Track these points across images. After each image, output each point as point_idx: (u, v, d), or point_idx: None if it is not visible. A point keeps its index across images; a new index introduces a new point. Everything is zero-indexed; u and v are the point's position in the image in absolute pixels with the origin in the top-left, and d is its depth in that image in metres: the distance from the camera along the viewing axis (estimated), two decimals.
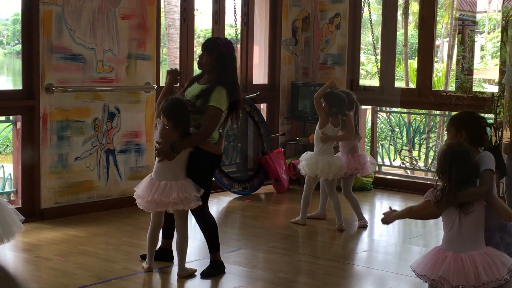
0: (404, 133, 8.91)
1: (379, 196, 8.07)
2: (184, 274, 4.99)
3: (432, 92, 8.10)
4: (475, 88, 8.87)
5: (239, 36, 8.28)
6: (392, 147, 9.06)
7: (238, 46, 8.44)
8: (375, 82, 13.16)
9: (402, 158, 8.84)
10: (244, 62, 8.37)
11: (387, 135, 9.77)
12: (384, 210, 7.68)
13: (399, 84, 15.93)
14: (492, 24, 22.99)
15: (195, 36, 8.25)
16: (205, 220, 5.09)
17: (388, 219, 3.90)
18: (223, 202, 7.55)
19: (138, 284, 4.92)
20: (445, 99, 7.86)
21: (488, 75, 18.28)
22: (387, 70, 8.53)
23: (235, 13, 8.14)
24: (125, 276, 4.99)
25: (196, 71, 5.50)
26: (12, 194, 6.54)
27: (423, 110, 8.75)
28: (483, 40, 22.29)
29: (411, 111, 9.01)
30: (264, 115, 8.53)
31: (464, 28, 16.55)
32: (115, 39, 6.87)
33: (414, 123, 8.89)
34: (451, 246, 3.70)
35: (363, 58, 19.23)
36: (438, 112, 8.67)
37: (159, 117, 4.91)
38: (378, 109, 8.88)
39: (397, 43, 8.69)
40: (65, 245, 5.73)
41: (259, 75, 8.69)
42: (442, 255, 3.69)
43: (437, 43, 17.12)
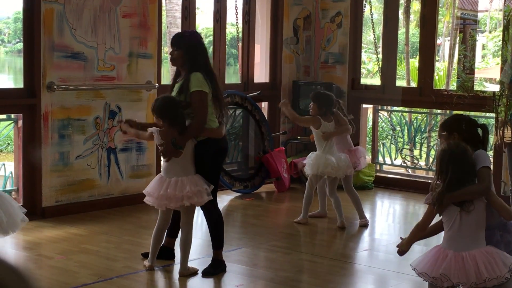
0: (405, 132, 8.90)
1: (380, 195, 8.07)
2: (185, 273, 4.99)
3: (434, 91, 8.10)
4: (476, 87, 8.87)
5: (240, 35, 8.28)
6: (393, 146, 9.06)
7: (240, 44, 8.44)
8: (376, 81, 13.15)
9: (403, 157, 8.84)
10: (246, 60, 8.37)
11: (388, 134, 9.77)
12: (385, 209, 7.76)
13: (400, 83, 15.91)
14: (493, 23, 22.98)
15: None
16: (213, 216, 5.10)
17: (403, 247, 3.90)
18: (224, 200, 7.54)
19: (139, 283, 4.92)
20: (446, 98, 7.86)
21: (490, 74, 18.29)
22: (388, 69, 8.53)
23: (236, 11, 8.14)
24: (126, 274, 4.99)
25: None
26: (13, 192, 6.54)
27: (424, 109, 8.74)
28: (484, 39, 22.28)
29: (412, 110, 9.01)
30: (265, 114, 8.53)
31: (466, 27, 16.56)
32: (117, 38, 6.87)
33: (415, 122, 8.88)
34: (451, 245, 3.70)
35: (364, 57, 19.22)
36: (439, 111, 8.66)
37: (149, 126, 4.99)
38: (379, 108, 8.88)
39: (398, 42, 8.68)
40: (66, 243, 5.73)
41: (260, 74, 8.69)
42: (443, 254, 3.69)
43: (438, 42, 17.13)
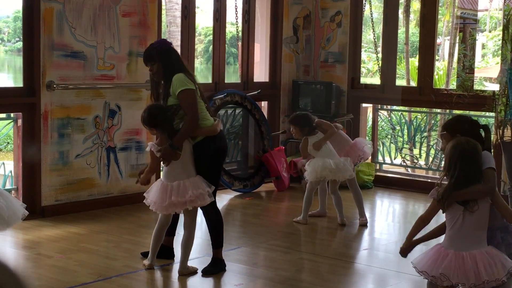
0: (405, 131, 8.90)
1: (380, 194, 8.07)
2: (185, 272, 4.99)
3: (433, 91, 8.10)
4: (476, 87, 8.87)
5: (240, 34, 8.28)
6: (393, 146, 9.05)
7: (239, 44, 8.44)
8: (376, 80, 13.15)
9: (403, 156, 8.84)
10: (245, 60, 8.37)
11: (388, 133, 9.76)
12: (385, 208, 7.76)
13: (400, 82, 15.90)
14: (493, 23, 22.97)
15: (196, 34, 8.25)
16: (213, 215, 5.10)
17: (405, 244, 3.89)
18: (224, 200, 7.54)
19: (138, 282, 4.92)
20: (446, 97, 7.86)
21: (489, 74, 18.27)
22: (388, 68, 8.53)
23: (236, 11, 8.14)
24: (125, 273, 4.99)
25: (198, 69, 5.50)
26: (13, 192, 6.53)
27: (424, 109, 8.74)
28: (484, 39, 22.27)
29: (412, 110, 9.02)
30: (265, 113, 8.53)
31: (466, 27, 16.56)
32: (116, 37, 6.86)
33: (415, 121, 8.88)
34: (452, 244, 3.69)
35: (364, 56, 19.22)
36: (439, 111, 8.67)
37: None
38: (379, 107, 8.87)
39: (398, 41, 8.68)
40: (65, 242, 5.73)
41: (260, 73, 8.69)
42: (444, 253, 3.69)
43: (438, 41, 17.11)
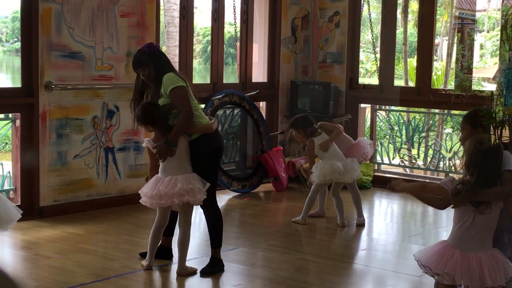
0: (403, 131, 8.90)
1: (378, 194, 8.07)
2: (183, 272, 4.98)
3: (431, 91, 8.10)
4: (474, 87, 8.87)
5: (238, 34, 8.28)
6: (391, 146, 9.06)
7: (238, 44, 8.44)
8: (374, 81, 13.15)
9: (401, 156, 8.84)
10: (244, 60, 8.37)
11: (386, 133, 9.78)
12: (383, 208, 7.76)
13: (399, 82, 15.93)
14: (491, 23, 22.99)
15: (195, 34, 8.25)
16: (212, 214, 5.11)
17: (397, 188, 3.80)
18: (222, 200, 7.54)
19: (137, 282, 4.92)
20: (444, 97, 7.86)
21: (488, 74, 18.29)
22: (386, 68, 8.53)
23: (234, 11, 8.14)
24: (124, 274, 4.99)
25: (196, 69, 5.51)
26: (11, 192, 6.53)
27: (422, 109, 8.75)
28: (482, 39, 22.30)
29: (410, 110, 9.02)
30: (264, 113, 8.53)
31: (464, 27, 16.55)
32: (115, 37, 6.86)
33: (413, 121, 8.88)
34: (459, 244, 3.66)
35: (362, 56, 19.22)
36: (437, 111, 8.67)
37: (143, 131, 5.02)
38: (378, 107, 8.87)
39: (396, 42, 8.69)
40: (64, 243, 5.73)
41: (259, 73, 8.69)
42: (449, 252, 3.65)
43: (436, 41, 17.12)
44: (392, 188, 3.83)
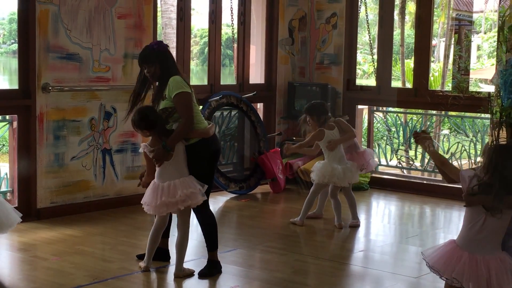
0: (401, 133, 8.91)
1: (375, 196, 8.07)
2: (180, 275, 4.98)
3: (429, 92, 8.10)
4: (471, 88, 8.88)
5: (235, 36, 8.28)
6: (388, 147, 9.07)
7: (235, 45, 8.44)
8: (371, 82, 13.18)
9: (399, 158, 8.85)
10: (241, 61, 8.37)
11: (384, 135, 9.78)
12: (381, 210, 7.76)
13: (396, 83, 15.94)
14: (488, 24, 23.02)
15: (192, 36, 8.25)
16: (206, 218, 5.10)
17: (420, 140, 3.91)
18: (219, 201, 7.54)
19: (134, 284, 4.91)
20: (441, 99, 7.87)
21: (485, 75, 18.30)
22: (383, 69, 8.53)
23: (231, 12, 8.14)
24: (121, 275, 4.99)
25: (193, 71, 5.50)
26: (8, 194, 6.53)
27: (420, 110, 8.75)
28: (479, 40, 22.33)
29: (407, 111, 9.02)
30: (261, 115, 8.53)
31: (461, 28, 16.57)
32: (112, 39, 6.86)
33: (410, 122, 8.89)
34: (468, 246, 3.65)
35: (359, 57, 19.24)
36: (434, 112, 8.68)
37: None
38: (375, 108, 8.88)
39: (393, 43, 8.69)
40: (61, 244, 5.72)
41: (256, 75, 8.69)
42: (458, 254, 3.64)
43: (433, 43, 17.13)
44: (417, 136, 3.95)
